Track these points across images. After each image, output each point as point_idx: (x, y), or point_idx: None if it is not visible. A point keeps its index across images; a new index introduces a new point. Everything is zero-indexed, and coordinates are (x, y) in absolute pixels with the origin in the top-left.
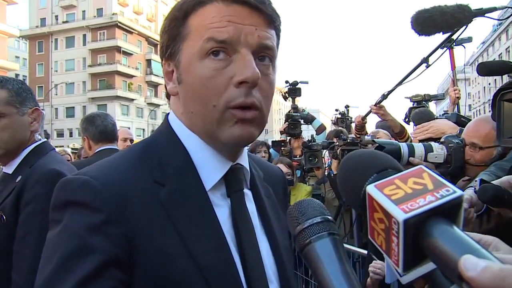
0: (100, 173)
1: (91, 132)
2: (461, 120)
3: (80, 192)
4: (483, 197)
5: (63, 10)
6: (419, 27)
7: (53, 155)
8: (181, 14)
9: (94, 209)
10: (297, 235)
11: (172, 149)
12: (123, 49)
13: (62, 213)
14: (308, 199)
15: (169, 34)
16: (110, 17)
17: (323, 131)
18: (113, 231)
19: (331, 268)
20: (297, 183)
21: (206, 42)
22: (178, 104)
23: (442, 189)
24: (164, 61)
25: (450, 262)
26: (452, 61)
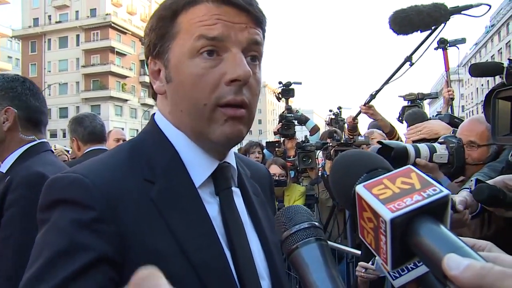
0: (90, 171)
1: (79, 133)
2: (454, 121)
3: (71, 190)
4: (479, 197)
5: (56, 10)
6: (396, 26)
7: (43, 157)
8: (170, 13)
9: (85, 206)
10: (284, 241)
11: (160, 148)
12: (117, 49)
13: (50, 212)
14: (296, 205)
15: (157, 32)
16: (103, 18)
17: (316, 132)
18: (105, 229)
19: (318, 274)
20: (291, 184)
21: (197, 40)
22: (165, 103)
23: (429, 189)
24: (150, 59)
25: (436, 260)
26: (446, 62)
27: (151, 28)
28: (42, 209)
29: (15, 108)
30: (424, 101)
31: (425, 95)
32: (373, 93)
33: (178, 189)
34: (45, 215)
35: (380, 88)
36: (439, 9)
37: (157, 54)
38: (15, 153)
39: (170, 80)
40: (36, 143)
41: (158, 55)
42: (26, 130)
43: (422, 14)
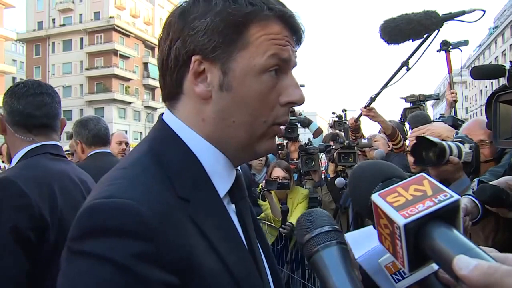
0: (133, 194)
1: (84, 136)
2: (457, 123)
3: (123, 218)
4: (482, 197)
5: (60, 14)
6: (386, 36)
7: (32, 160)
8: (241, 22)
9: (143, 237)
10: (305, 244)
11: (184, 160)
12: (120, 52)
13: (95, 243)
14: (318, 209)
15: (224, 38)
16: (107, 21)
17: (320, 135)
18: (165, 258)
19: (338, 277)
20: (294, 187)
21: (270, 58)
22: (201, 109)
23: (440, 195)
24: (197, 59)
25: (448, 261)
26: (449, 65)
27: (215, 29)
28: (81, 238)
29: (6, 113)
30: (427, 103)
31: (427, 96)
32: (372, 96)
33: (209, 203)
34: (86, 246)
35: (379, 91)
36: (430, 17)
37: (214, 57)
38: (18, 154)
39: (228, 89)
40: (36, 145)
41: (214, 59)
42: (22, 133)
43: (413, 23)
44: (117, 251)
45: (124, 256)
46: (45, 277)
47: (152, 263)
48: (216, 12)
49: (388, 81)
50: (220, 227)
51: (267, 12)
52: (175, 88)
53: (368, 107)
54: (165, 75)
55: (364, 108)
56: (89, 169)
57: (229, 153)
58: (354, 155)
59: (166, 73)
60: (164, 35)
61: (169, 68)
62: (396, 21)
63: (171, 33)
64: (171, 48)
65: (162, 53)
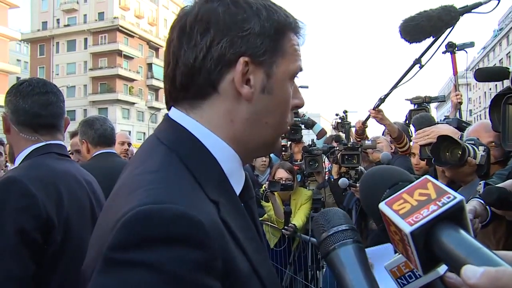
0: (182, 199)
1: (90, 135)
2: (462, 125)
3: (182, 227)
4: (488, 199)
5: (65, 14)
6: (408, 36)
7: (37, 160)
8: (282, 29)
9: (200, 245)
10: (322, 242)
11: (206, 163)
12: (124, 53)
13: (149, 252)
14: (334, 208)
15: (273, 42)
16: (111, 21)
17: (323, 136)
18: (218, 265)
19: (354, 275)
20: (298, 188)
21: (298, 68)
22: (233, 109)
23: (444, 197)
24: (245, 60)
25: (457, 263)
26: (454, 66)
27: (268, 34)
28: (132, 247)
29: (10, 112)
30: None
31: (432, 98)
32: (382, 97)
33: (232, 205)
34: (136, 256)
35: (389, 92)
36: (449, 12)
37: (262, 60)
38: (22, 153)
39: (270, 92)
40: (41, 145)
41: (261, 62)
42: (27, 132)
43: (433, 19)
44: (177, 261)
45: (183, 266)
46: (50, 278)
47: (206, 271)
48: (264, 17)
49: (400, 80)
50: (243, 228)
51: (297, 24)
52: (209, 87)
53: (377, 108)
54: (198, 73)
55: (373, 109)
56: (93, 170)
57: (247, 152)
58: (358, 156)
59: (199, 71)
60: (198, 30)
61: (207, 66)
62: (416, 20)
63: (212, 30)
64: (212, 47)
65: (196, 50)
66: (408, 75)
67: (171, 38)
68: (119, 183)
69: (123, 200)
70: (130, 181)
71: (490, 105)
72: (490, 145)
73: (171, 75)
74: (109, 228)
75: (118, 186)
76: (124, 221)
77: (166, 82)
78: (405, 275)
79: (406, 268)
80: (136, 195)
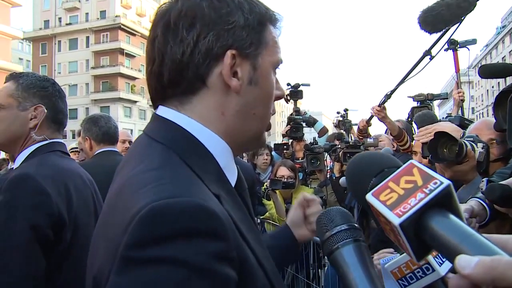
0: (194, 191)
1: (94, 132)
2: (464, 122)
3: (201, 219)
4: (491, 197)
5: (67, 12)
6: (429, 26)
7: (46, 157)
8: (263, 21)
9: (219, 236)
10: (325, 241)
11: (203, 158)
12: (126, 51)
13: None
14: (337, 207)
15: (257, 34)
16: (113, 19)
17: (325, 134)
18: (235, 255)
19: (356, 273)
20: (299, 186)
21: (279, 59)
22: (223, 102)
23: (431, 183)
24: (232, 53)
25: (449, 250)
26: (456, 64)
27: (252, 26)
28: (150, 244)
29: (45, 107)
30: (434, 102)
31: (435, 95)
32: (388, 93)
33: (230, 198)
34: (158, 252)
35: (397, 87)
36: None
37: (248, 53)
38: (25, 151)
39: (255, 84)
40: (46, 143)
41: (248, 54)
42: (43, 130)
43: (452, 7)
44: (199, 253)
45: (206, 258)
46: (56, 276)
47: (227, 261)
48: (246, 10)
49: (408, 73)
50: (243, 220)
51: (275, 16)
52: (198, 82)
53: (381, 105)
54: (186, 68)
55: (378, 106)
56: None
57: (238, 144)
58: None
59: (188, 66)
60: (183, 26)
61: (195, 61)
62: (435, 9)
63: (198, 25)
64: (199, 41)
65: (183, 46)
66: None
67: (154, 35)
68: (118, 183)
69: (131, 198)
70: (132, 180)
71: (494, 102)
72: (490, 142)
73: (157, 72)
74: (122, 227)
75: (117, 186)
76: (139, 218)
77: (152, 79)
78: (406, 276)
79: (407, 269)
80: (145, 192)
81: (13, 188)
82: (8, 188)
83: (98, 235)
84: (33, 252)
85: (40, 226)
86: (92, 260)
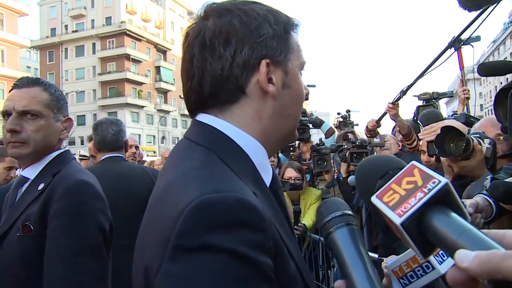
0: (236, 188)
1: (94, 140)
2: (470, 120)
3: (242, 212)
4: (494, 194)
5: (73, 20)
6: (469, 2)
7: (75, 165)
8: (288, 29)
9: (258, 228)
10: (322, 226)
11: (241, 159)
12: (132, 56)
13: (217, 237)
14: (334, 198)
15: (285, 42)
16: (118, 25)
17: (332, 135)
18: (271, 245)
19: (348, 252)
20: (307, 187)
21: (303, 61)
22: (261, 107)
23: (429, 182)
24: (266, 63)
25: (449, 246)
26: (461, 61)
27: (280, 36)
28: (201, 233)
29: None
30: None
31: (440, 94)
32: (404, 89)
33: (265, 196)
34: (204, 240)
35: (414, 82)
36: None
37: (280, 60)
38: (44, 160)
39: (288, 87)
40: (63, 151)
41: (279, 61)
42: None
43: None
44: (241, 243)
45: (247, 247)
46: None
47: (265, 251)
48: (272, 21)
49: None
50: (276, 217)
51: (297, 23)
52: (239, 92)
53: (395, 103)
54: (226, 81)
55: (391, 103)
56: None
57: (273, 143)
58: (367, 154)
59: (228, 79)
60: (220, 43)
61: (234, 73)
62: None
63: (233, 41)
64: (236, 56)
65: (222, 61)
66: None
67: (192, 53)
68: (164, 183)
69: (178, 194)
70: (178, 179)
71: (494, 99)
72: (497, 138)
73: (197, 87)
74: (171, 220)
75: (163, 186)
76: (189, 211)
77: (192, 94)
78: (407, 274)
79: (408, 267)
80: (192, 187)
81: (76, 193)
82: (71, 194)
83: (145, 233)
84: (102, 253)
85: (105, 228)
86: (139, 256)
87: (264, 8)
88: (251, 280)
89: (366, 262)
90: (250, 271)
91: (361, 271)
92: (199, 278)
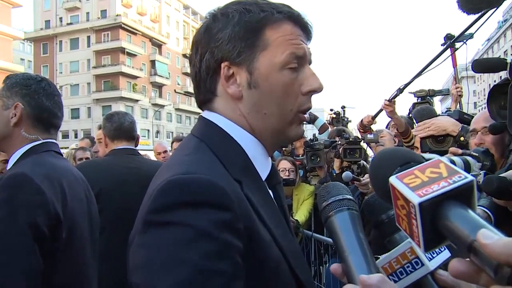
0: (209, 171)
1: (107, 129)
2: (464, 117)
3: (207, 192)
4: (488, 189)
5: (67, 12)
6: (469, 5)
7: (40, 157)
8: (258, 26)
9: (225, 207)
10: (323, 210)
11: (231, 147)
12: (127, 50)
13: (179, 213)
14: (335, 182)
15: (246, 42)
16: (114, 19)
17: (326, 130)
18: (239, 226)
19: (347, 236)
20: (300, 183)
21: (288, 56)
22: (236, 106)
23: (455, 176)
24: (226, 65)
25: (462, 236)
26: (453, 59)
27: (238, 37)
28: (167, 210)
29: (26, 105)
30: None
31: (436, 91)
32: (401, 87)
33: (255, 185)
34: (170, 217)
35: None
36: None
37: (240, 61)
38: (18, 151)
39: (256, 87)
40: (39, 143)
41: (240, 62)
42: (31, 129)
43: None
44: (205, 220)
45: (211, 224)
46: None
47: (230, 229)
48: (234, 22)
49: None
50: (265, 205)
51: (277, 15)
52: (210, 92)
53: (392, 100)
54: (200, 84)
55: (388, 101)
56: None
57: (266, 141)
58: (360, 150)
59: (200, 82)
60: (193, 52)
61: (202, 77)
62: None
63: (199, 49)
64: (201, 61)
65: (195, 67)
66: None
67: None
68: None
69: (162, 176)
70: (168, 162)
71: (488, 96)
72: (483, 130)
73: (194, 87)
74: (148, 198)
75: (159, 170)
76: (158, 189)
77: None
78: (396, 271)
79: (397, 264)
80: (170, 170)
81: (10, 187)
82: (5, 187)
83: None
84: (33, 250)
85: (38, 224)
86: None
87: (236, 7)
88: (213, 256)
89: (365, 246)
90: (213, 248)
91: (358, 255)
92: (164, 248)
